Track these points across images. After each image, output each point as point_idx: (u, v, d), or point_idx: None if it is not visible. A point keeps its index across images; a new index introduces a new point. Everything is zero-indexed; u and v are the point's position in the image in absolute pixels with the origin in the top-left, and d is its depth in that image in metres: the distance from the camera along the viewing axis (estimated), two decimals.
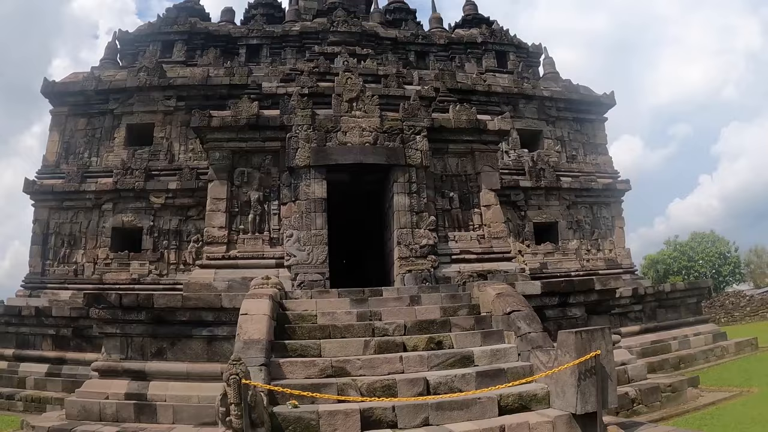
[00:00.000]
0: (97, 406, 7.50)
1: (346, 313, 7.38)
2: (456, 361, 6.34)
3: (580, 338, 5.50)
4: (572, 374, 5.40)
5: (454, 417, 5.31)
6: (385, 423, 5.11)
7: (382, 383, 5.62)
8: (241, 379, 4.33)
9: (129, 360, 8.13)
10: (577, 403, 5.32)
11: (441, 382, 5.78)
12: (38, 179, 14.03)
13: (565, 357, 5.57)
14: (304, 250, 9.72)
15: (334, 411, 5.02)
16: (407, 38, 17.39)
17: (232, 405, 4.32)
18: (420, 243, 10.01)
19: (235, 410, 4.29)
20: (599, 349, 5.51)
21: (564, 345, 5.61)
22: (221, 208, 10.18)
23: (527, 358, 6.40)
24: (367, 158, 10.24)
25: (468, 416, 5.35)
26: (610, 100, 16.42)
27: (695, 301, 13.22)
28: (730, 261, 36.84)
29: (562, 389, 5.55)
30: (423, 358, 6.27)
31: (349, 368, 5.99)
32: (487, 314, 7.54)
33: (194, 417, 7.29)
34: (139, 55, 16.01)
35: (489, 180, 11.08)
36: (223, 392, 4.36)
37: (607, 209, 15.63)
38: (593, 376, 5.40)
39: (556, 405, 5.62)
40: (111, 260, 13.52)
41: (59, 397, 10.53)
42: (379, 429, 5.05)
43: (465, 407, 5.39)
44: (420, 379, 5.77)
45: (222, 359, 8.04)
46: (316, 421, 4.94)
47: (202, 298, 8.12)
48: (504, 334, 7.04)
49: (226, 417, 4.33)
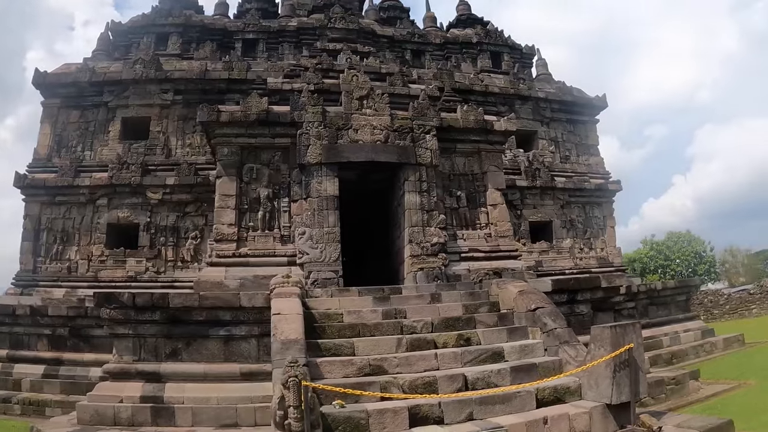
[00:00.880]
0: (111, 410, 7.32)
1: (371, 311, 7.43)
2: (488, 357, 6.49)
3: (615, 332, 5.72)
4: (607, 367, 5.62)
5: (496, 411, 5.46)
6: (432, 419, 5.21)
7: (423, 380, 5.72)
8: (300, 381, 4.32)
9: (142, 361, 7.98)
10: (612, 393, 5.55)
11: (479, 378, 5.92)
12: (29, 173, 13.59)
13: (599, 350, 5.77)
14: (317, 247, 9.70)
15: (383, 409, 5.08)
16: (404, 37, 17.47)
17: (291, 408, 4.30)
18: (431, 241, 10.11)
19: (294, 413, 4.29)
20: (632, 342, 5.73)
21: (598, 339, 5.82)
22: (230, 205, 10.05)
23: (555, 353, 6.60)
24: (378, 156, 10.28)
25: (509, 410, 5.50)
26: (601, 102, 16.88)
27: (684, 298, 13.74)
28: (705, 260, 38.32)
29: (595, 381, 5.76)
30: (457, 355, 6.39)
31: (386, 366, 6.06)
32: (509, 311, 7.71)
33: (214, 419, 7.22)
34: (133, 47, 15.63)
35: (495, 179, 11.27)
36: (281, 395, 4.33)
37: (599, 209, 16.08)
38: (627, 368, 5.64)
39: (588, 397, 5.84)
40: (106, 257, 13.22)
41: (59, 400, 10.33)
42: (426, 425, 5.14)
43: (506, 401, 5.54)
44: (459, 375, 5.90)
45: (240, 359, 8.00)
46: (365, 420, 4.99)
47: (220, 297, 8.03)
48: (528, 330, 7.22)
49: (284, 420, 4.31)
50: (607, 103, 16.87)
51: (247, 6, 18.07)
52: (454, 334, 6.87)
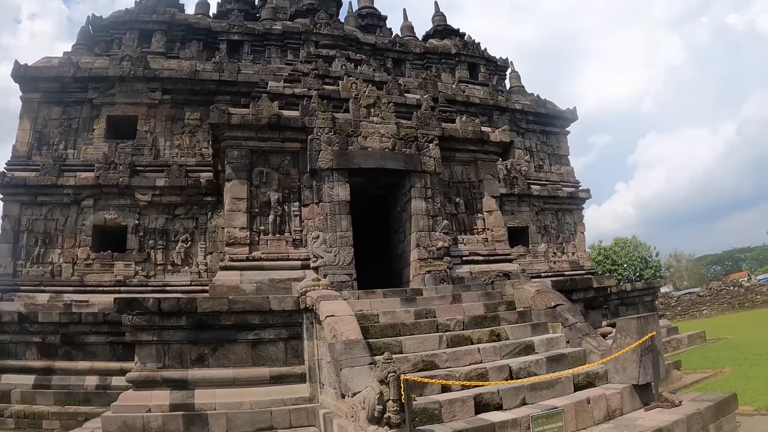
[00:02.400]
0: (140, 420, 7.28)
1: (404, 312, 7.89)
2: (521, 350, 7.14)
3: (640, 322, 6.56)
4: (634, 352, 6.41)
5: (543, 395, 6.11)
6: (493, 405, 5.76)
7: (476, 372, 6.26)
8: (399, 375, 4.71)
9: (167, 369, 7.94)
10: (639, 375, 6.36)
11: (521, 368, 6.56)
12: (8, 171, 12.95)
13: (625, 339, 6.56)
14: (331, 251, 10.00)
15: (453, 399, 5.58)
16: (385, 45, 18.04)
17: (390, 401, 4.68)
18: (436, 245, 10.68)
19: (393, 406, 4.66)
20: (654, 331, 6.54)
21: (624, 329, 6.62)
22: (242, 209, 10.15)
23: (578, 344, 7.36)
24: (387, 163, 10.74)
25: (553, 394, 6.17)
26: (572, 115, 18.20)
27: (651, 299, 15.13)
28: (651, 265, 41.47)
29: (622, 366, 6.54)
30: (495, 349, 7.00)
31: (437, 361, 6.55)
32: (526, 309, 8.42)
33: (249, 424, 7.38)
34: (114, 42, 15.27)
35: (491, 187, 12.03)
36: (379, 391, 4.69)
37: (570, 215, 17.34)
38: (650, 353, 6.47)
39: (614, 380, 6.63)
40: (93, 260, 12.85)
41: (56, 412, 10.02)
42: (489, 411, 5.67)
43: (550, 387, 6.21)
44: (504, 366, 6.51)
45: (267, 362, 8.18)
46: (438, 410, 5.46)
47: (249, 300, 8.20)
48: (548, 326, 7.96)
49: (383, 414, 4.68)
50: (577, 116, 18.23)
51: (227, 6, 18.01)
52: (487, 330, 7.47)
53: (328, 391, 7.26)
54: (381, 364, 4.80)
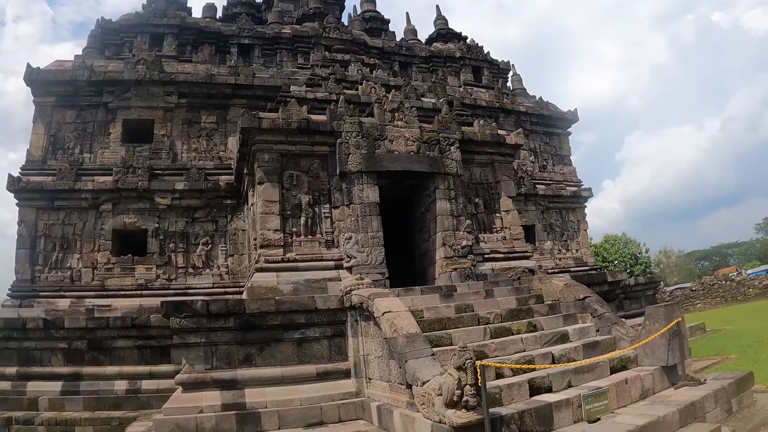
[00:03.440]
0: (192, 421, 7.69)
1: (445, 307, 8.70)
2: (558, 339, 8.01)
3: (667, 310, 7.49)
4: (663, 337, 7.33)
5: (585, 378, 6.96)
6: (544, 388, 6.59)
7: (524, 359, 7.10)
8: (475, 362, 5.48)
9: (216, 369, 8.40)
10: (668, 357, 7.28)
11: (562, 355, 7.41)
12: (23, 176, 13.30)
13: (654, 325, 7.49)
14: (363, 251, 10.73)
15: (511, 384, 6.39)
16: (392, 49, 18.83)
17: (467, 386, 5.45)
18: (461, 244, 11.51)
19: (470, 390, 5.43)
20: (679, 317, 7.47)
21: (653, 316, 7.55)
22: (275, 211, 10.78)
23: (608, 332, 8.28)
24: (413, 166, 11.52)
25: (593, 377, 7.04)
26: (573, 116, 19.26)
27: (652, 293, 16.25)
28: (641, 261, 43.31)
29: (651, 350, 7.45)
30: (536, 338, 7.85)
31: (486, 351, 7.35)
32: (555, 302, 9.32)
33: (300, 419, 7.94)
34: (125, 45, 15.71)
35: (507, 188, 12.93)
36: (458, 377, 5.45)
37: (574, 214, 18.38)
38: (677, 336, 7.39)
39: (644, 363, 7.55)
40: (113, 265, 13.28)
41: (88, 417, 10.24)
42: (540, 394, 6.50)
43: (590, 370, 7.08)
44: (548, 353, 7.37)
45: (313, 360, 8.80)
46: (498, 394, 6.25)
47: (295, 300, 8.84)
48: (577, 316, 8.86)
49: (461, 398, 5.44)
50: (578, 117, 19.30)
51: (233, 10, 18.59)
52: (524, 322, 8.32)
53: (377, 385, 7.97)
54: (458, 352, 5.55)
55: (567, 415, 6.10)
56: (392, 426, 6.89)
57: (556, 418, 6.01)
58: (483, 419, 5.40)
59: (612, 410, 6.35)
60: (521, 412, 5.82)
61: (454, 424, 5.40)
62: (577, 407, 6.20)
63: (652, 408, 6.35)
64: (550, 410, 6.01)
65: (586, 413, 6.14)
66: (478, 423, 5.39)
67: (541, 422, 5.89)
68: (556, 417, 6.01)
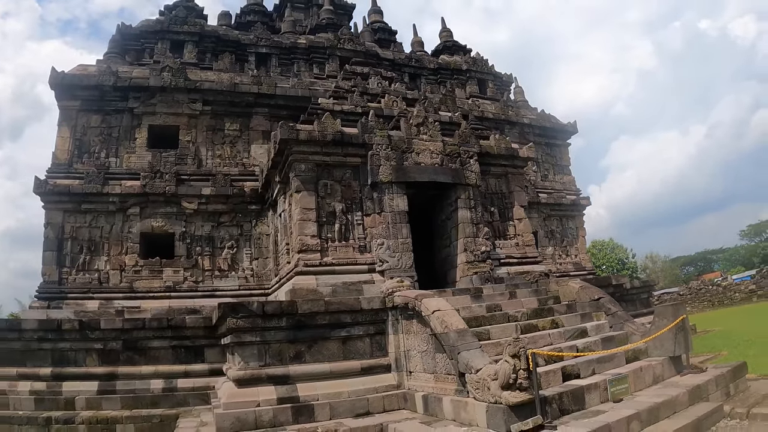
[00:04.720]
0: (252, 414, 8.68)
1: (477, 306, 10.17)
2: (579, 334, 9.56)
3: (674, 308, 9.11)
4: (671, 331, 8.91)
5: (606, 367, 8.50)
6: (573, 375, 8.09)
7: (555, 351, 8.59)
8: (527, 350, 6.95)
9: (269, 366, 9.43)
10: (675, 349, 8.87)
11: (585, 347, 8.97)
12: (50, 179, 14.20)
13: (662, 321, 9.08)
14: (395, 256, 12.13)
15: (548, 371, 7.85)
16: (402, 60, 20.30)
17: (520, 370, 6.90)
18: (480, 250, 13.03)
19: (523, 374, 6.88)
20: (684, 314, 9.10)
21: (662, 314, 9.16)
22: (312, 218, 12.09)
23: (620, 329, 9.88)
24: (438, 177, 12.99)
25: (613, 365, 8.59)
26: (573, 128, 21.06)
27: (647, 296, 18.01)
28: (628, 266, 45.83)
29: (660, 343, 9.04)
30: (561, 333, 9.39)
31: None
32: (571, 302, 10.89)
33: (349, 410, 9.14)
34: (145, 51, 16.76)
35: (520, 198, 14.52)
36: (513, 364, 6.88)
37: (573, 221, 20.14)
38: (682, 331, 8.98)
39: (654, 354, 9.12)
40: (141, 267, 14.26)
41: (129, 415, 10.86)
42: (571, 379, 8.00)
43: (610, 360, 8.64)
44: (573, 346, 8.91)
45: (356, 356, 10.06)
46: (538, 380, 7.71)
47: (343, 302, 10.13)
48: (592, 315, 10.45)
49: (516, 381, 6.88)
50: (577, 129, 21.10)
51: (247, 18, 19.80)
52: (548, 319, 9.85)
53: (419, 377, 9.29)
54: (512, 342, 6.99)
55: (595, 396, 7.61)
56: (441, 412, 8.16)
57: (587, 398, 7.50)
58: (534, 398, 6.86)
59: (631, 393, 7.91)
60: (560, 393, 7.29)
61: (510, 403, 6.80)
62: (603, 390, 7.70)
63: (665, 390, 7.92)
64: (582, 392, 7.50)
65: (611, 394, 7.67)
66: (530, 401, 6.81)
67: (576, 402, 7.37)
68: (587, 397, 7.50)
